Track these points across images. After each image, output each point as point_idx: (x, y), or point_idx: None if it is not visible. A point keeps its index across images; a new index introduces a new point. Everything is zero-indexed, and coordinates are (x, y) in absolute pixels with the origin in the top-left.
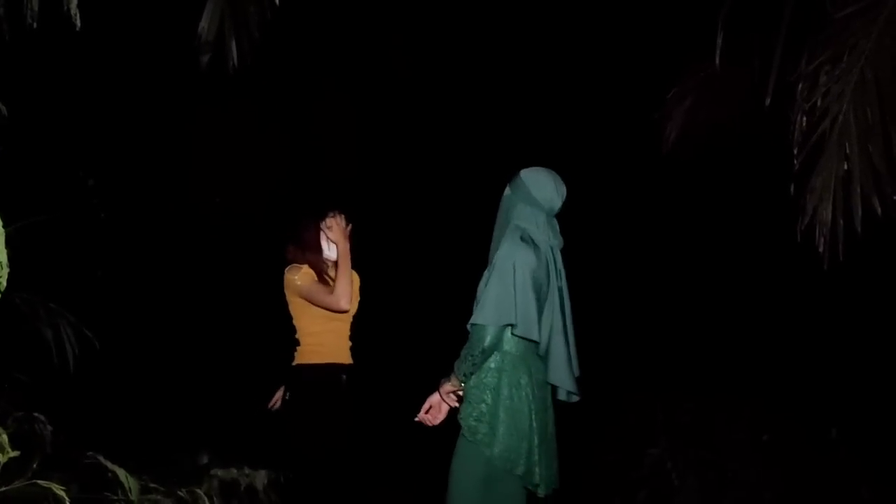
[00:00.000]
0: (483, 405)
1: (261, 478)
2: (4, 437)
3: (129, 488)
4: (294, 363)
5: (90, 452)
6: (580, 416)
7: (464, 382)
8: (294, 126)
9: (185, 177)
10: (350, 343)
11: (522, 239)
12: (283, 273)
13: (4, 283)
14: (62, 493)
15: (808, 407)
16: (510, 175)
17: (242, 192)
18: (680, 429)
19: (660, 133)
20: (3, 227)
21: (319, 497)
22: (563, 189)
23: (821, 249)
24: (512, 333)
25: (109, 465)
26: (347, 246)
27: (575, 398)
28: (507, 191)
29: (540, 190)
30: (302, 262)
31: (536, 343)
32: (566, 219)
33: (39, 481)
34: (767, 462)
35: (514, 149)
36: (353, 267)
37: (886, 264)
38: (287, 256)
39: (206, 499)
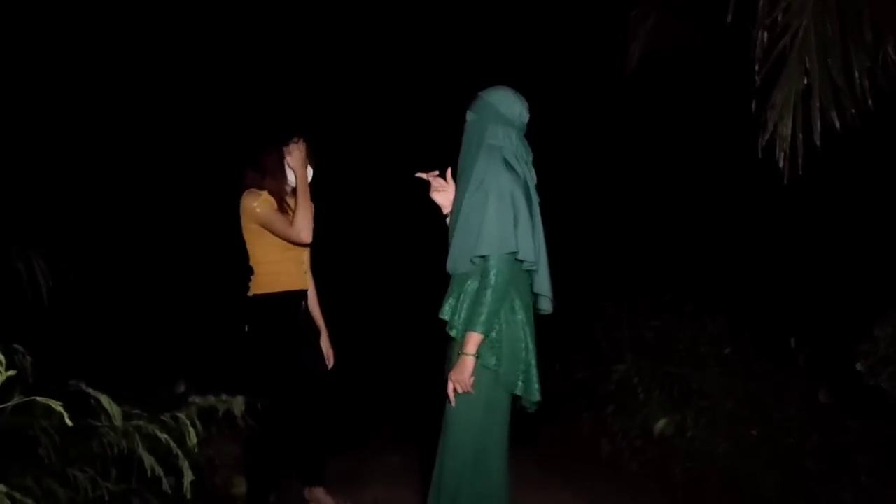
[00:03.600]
0: (493, 333)
1: (238, 404)
2: (0, 356)
3: (113, 414)
4: (251, 293)
5: (72, 381)
6: (547, 336)
7: (486, 332)
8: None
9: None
10: (307, 268)
11: (504, 161)
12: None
13: None
14: (60, 409)
15: (768, 319)
16: (469, 100)
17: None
18: (645, 345)
19: (624, 53)
20: None
21: (297, 422)
22: (525, 101)
23: (781, 164)
24: (516, 259)
25: (92, 392)
26: (306, 174)
27: (552, 306)
28: (471, 115)
29: (508, 107)
30: (261, 188)
31: (529, 262)
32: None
33: (37, 398)
34: (729, 373)
35: (479, 72)
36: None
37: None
38: (244, 181)
39: (188, 422)
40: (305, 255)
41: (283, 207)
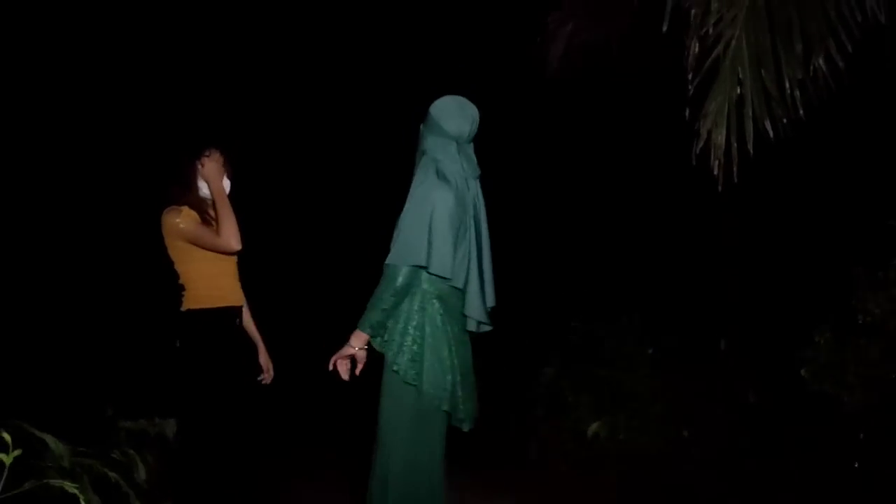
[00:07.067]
0: (415, 346)
1: (170, 426)
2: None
3: (59, 454)
4: (185, 308)
5: (13, 420)
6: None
7: (372, 334)
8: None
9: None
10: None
11: (438, 174)
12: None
13: None
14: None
15: (696, 322)
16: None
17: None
18: (571, 348)
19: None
20: None
21: (225, 442)
22: (472, 113)
23: (715, 172)
24: (427, 272)
25: (37, 432)
26: (221, 184)
27: (486, 328)
28: (422, 127)
29: (446, 119)
30: (180, 204)
31: (448, 280)
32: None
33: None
34: (656, 374)
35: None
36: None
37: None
38: (170, 197)
39: (137, 458)
40: (236, 268)
41: (205, 220)
